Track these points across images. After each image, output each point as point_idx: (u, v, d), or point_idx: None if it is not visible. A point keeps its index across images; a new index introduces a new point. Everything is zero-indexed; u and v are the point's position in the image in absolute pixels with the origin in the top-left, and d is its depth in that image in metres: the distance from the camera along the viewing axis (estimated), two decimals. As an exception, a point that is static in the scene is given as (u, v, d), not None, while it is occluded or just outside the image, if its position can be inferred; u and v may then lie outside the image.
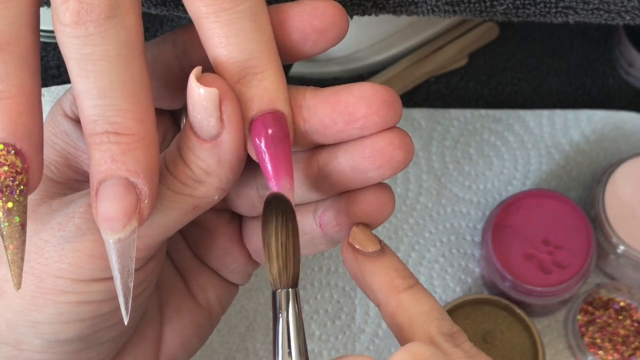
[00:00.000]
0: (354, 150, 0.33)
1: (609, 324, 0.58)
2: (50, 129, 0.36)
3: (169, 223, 0.33)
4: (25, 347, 0.34)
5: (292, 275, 0.32)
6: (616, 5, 0.36)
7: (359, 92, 0.32)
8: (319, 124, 0.32)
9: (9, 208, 0.28)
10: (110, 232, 0.29)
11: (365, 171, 0.33)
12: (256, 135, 0.31)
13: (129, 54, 0.29)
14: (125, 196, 0.29)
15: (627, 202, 0.57)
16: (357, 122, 0.32)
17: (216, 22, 0.30)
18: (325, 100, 0.32)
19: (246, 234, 0.39)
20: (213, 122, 0.31)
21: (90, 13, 0.28)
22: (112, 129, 0.29)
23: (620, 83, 0.66)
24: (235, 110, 0.31)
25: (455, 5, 0.37)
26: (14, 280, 0.29)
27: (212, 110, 0.30)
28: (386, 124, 0.32)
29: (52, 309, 0.33)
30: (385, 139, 0.32)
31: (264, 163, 0.32)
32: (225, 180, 0.32)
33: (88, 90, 0.29)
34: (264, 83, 0.31)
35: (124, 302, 0.30)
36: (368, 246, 0.34)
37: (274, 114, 0.31)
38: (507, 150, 0.64)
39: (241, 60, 0.31)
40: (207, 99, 0.30)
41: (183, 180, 0.32)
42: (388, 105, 0.32)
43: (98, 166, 0.29)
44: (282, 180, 0.32)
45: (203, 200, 0.32)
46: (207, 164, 0.32)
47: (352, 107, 0.32)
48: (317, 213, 0.35)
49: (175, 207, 0.32)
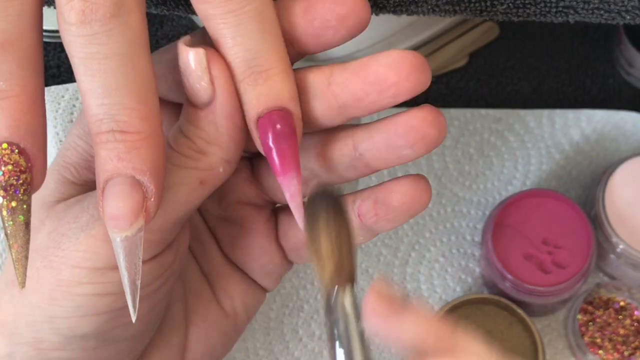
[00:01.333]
0: (387, 129, 0.33)
1: (609, 323, 0.58)
2: (74, 131, 0.36)
3: (178, 200, 0.33)
4: (44, 345, 0.34)
5: (349, 270, 0.31)
6: (616, 4, 0.37)
7: (386, 61, 0.32)
8: (352, 97, 0.33)
9: (13, 207, 0.28)
10: (117, 230, 0.30)
11: (399, 149, 0.34)
12: (262, 131, 0.32)
13: (135, 53, 0.29)
14: (132, 194, 0.29)
15: (627, 202, 0.57)
16: (389, 90, 0.32)
17: (223, 24, 0.31)
18: (354, 74, 0.33)
19: (283, 232, 0.39)
20: (204, 85, 0.31)
21: (95, 12, 0.28)
22: (118, 128, 0.29)
23: (620, 83, 0.66)
24: (223, 71, 0.31)
25: (455, 5, 0.37)
26: (18, 279, 0.29)
27: (202, 71, 0.31)
28: (418, 89, 0.32)
29: (70, 302, 0.33)
30: (419, 117, 0.33)
31: (272, 159, 0.32)
32: (227, 150, 0.33)
33: (94, 89, 0.29)
34: (269, 81, 0.32)
35: (131, 299, 0.31)
36: None
37: (280, 111, 0.32)
38: (507, 150, 0.64)
39: (247, 60, 0.31)
40: (195, 60, 0.31)
41: (186, 153, 0.32)
42: (418, 70, 0.32)
43: (104, 165, 0.29)
44: (288, 176, 0.32)
45: (208, 173, 0.33)
46: (206, 133, 0.32)
47: (382, 76, 0.32)
48: (356, 204, 0.36)
49: (182, 182, 0.32)
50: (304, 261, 0.39)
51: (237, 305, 0.40)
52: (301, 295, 0.60)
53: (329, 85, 0.33)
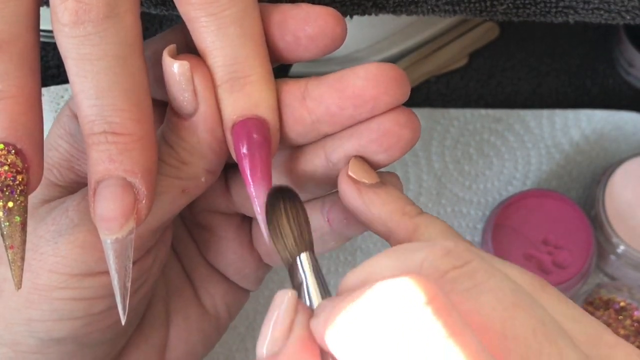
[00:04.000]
0: (360, 135, 0.33)
1: (609, 324, 0.58)
2: (55, 131, 0.36)
3: (160, 208, 0.32)
4: (21, 347, 0.33)
5: (309, 240, 0.31)
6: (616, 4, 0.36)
7: (364, 74, 0.31)
8: (326, 112, 0.32)
9: (10, 208, 0.28)
10: (107, 232, 0.29)
11: (373, 154, 0.33)
12: (236, 139, 0.31)
13: (128, 54, 0.29)
14: (123, 196, 0.29)
15: (627, 202, 0.57)
16: (367, 105, 0.32)
17: (203, 27, 0.31)
18: (330, 87, 0.32)
19: (256, 238, 0.39)
20: (188, 96, 0.31)
21: (88, 13, 0.28)
22: (110, 129, 0.29)
23: (620, 83, 0.66)
24: (206, 84, 0.31)
25: (455, 5, 0.37)
26: (14, 280, 0.29)
27: (186, 83, 0.31)
28: (396, 102, 0.32)
29: (46, 306, 0.33)
30: (391, 120, 0.32)
31: (243, 167, 0.32)
32: (208, 160, 0.32)
33: (86, 90, 0.29)
34: (246, 88, 0.31)
35: (121, 301, 0.30)
36: (371, 176, 0.33)
37: (255, 119, 0.31)
38: (507, 150, 0.64)
39: (226, 65, 0.31)
40: (180, 72, 0.31)
41: (168, 162, 0.32)
42: (396, 83, 0.32)
43: (96, 166, 0.29)
44: (258, 185, 0.32)
45: (191, 183, 0.33)
46: (189, 144, 0.32)
47: (359, 90, 0.31)
48: (325, 209, 0.35)
49: (164, 190, 0.32)
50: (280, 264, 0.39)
51: (218, 305, 0.40)
52: (301, 295, 0.60)
53: (303, 100, 0.32)
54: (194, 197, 0.33)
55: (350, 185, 0.33)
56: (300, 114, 0.32)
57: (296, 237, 0.31)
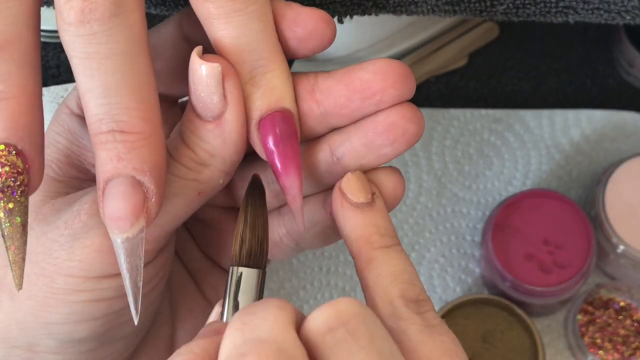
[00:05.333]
0: (366, 128, 0.33)
1: (609, 324, 0.58)
2: (53, 128, 0.36)
3: (175, 211, 0.32)
4: (39, 349, 0.33)
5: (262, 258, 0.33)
6: (616, 4, 0.36)
7: (373, 68, 0.32)
8: (334, 104, 0.32)
9: (10, 208, 0.28)
10: (117, 231, 0.29)
11: (379, 147, 0.33)
12: (265, 133, 0.32)
13: (134, 52, 0.29)
14: (132, 195, 0.29)
15: (627, 202, 0.57)
16: (374, 98, 0.32)
17: (227, 24, 0.31)
18: (339, 80, 0.32)
19: None
20: (217, 100, 0.31)
21: (94, 11, 0.28)
22: (118, 128, 0.29)
23: (620, 83, 0.66)
24: (237, 86, 0.31)
25: (455, 5, 0.37)
26: (15, 281, 0.29)
27: (215, 87, 0.31)
28: (402, 97, 0.32)
29: (65, 309, 0.33)
30: (398, 113, 0.32)
31: (273, 161, 0.32)
32: (229, 162, 0.32)
33: (93, 89, 0.29)
34: (272, 82, 0.31)
35: (134, 301, 0.30)
36: (358, 196, 0.33)
37: (282, 112, 0.32)
38: (507, 150, 0.64)
39: (251, 61, 0.31)
40: (210, 75, 0.30)
41: (187, 165, 0.32)
42: (403, 78, 0.32)
43: (104, 165, 0.29)
44: (291, 178, 0.32)
45: (208, 185, 0.32)
46: (211, 146, 0.32)
47: (367, 83, 0.32)
48: (327, 202, 0.36)
49: (180, 193, 0.32)
50: (278, 258, 0.39)
51: None
52: (301, 295, 0.60)
53: (313, 92, 0.32)
54: (208, 198, 0.33)
55: (337, 197, 0.34)
56: (309, 106, 0.33)
57: (247, 250, 0.32)
